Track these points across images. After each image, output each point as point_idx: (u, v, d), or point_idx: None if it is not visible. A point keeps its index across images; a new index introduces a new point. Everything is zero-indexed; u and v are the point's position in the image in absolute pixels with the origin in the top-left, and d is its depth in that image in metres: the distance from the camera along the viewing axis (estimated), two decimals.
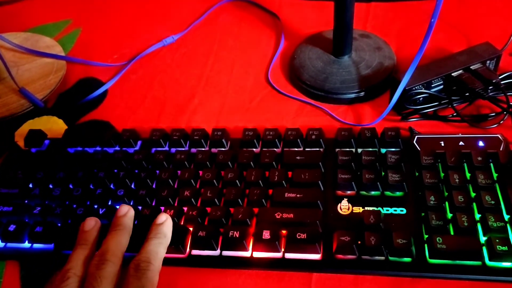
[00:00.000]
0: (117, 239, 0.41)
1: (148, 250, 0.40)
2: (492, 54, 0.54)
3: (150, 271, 0.38)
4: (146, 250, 0.40)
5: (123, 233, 0.42)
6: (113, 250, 0.39)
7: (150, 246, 0.40)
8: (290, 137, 0.50)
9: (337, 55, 0.60)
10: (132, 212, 0.44)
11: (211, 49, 0.68)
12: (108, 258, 0.39)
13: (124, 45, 0.71)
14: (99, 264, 0.38)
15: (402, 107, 0.53)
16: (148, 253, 0.39)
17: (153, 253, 0.40)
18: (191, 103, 0.61)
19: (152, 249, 0.40)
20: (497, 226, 0.39)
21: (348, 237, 0.40)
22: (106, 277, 0.37)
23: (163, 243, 0.41)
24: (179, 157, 0.50)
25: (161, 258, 0.40)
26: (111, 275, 0.38)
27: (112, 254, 0.39)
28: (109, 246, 0.40)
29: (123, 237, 0.41)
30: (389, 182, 0.44)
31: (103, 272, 0.37)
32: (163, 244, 0.41)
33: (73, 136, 0.55)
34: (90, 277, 0.37)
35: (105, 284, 0.37)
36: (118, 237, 0.41)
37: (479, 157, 0.44)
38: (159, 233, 0.42)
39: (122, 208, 0.44)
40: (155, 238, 0.41)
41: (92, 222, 0.43)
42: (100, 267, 0.38)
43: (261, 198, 0.45)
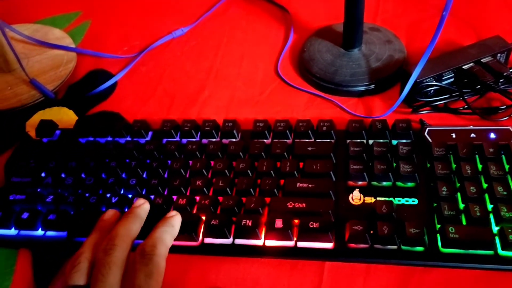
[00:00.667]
0: (128, 226, 0.41)
1: (154, 236, 0.40)
2: (502, 47, 0.54)
3: (156, 255, 0.38)
4: (152, 236, 0.40)
5: (134, 220, 0.42)
6: (122, 235, 0.39)
7: (157, 233, 0.40)
8: (301, 128, 0.50)
9: (347, 48, 0.60)
10: (148, 205, 0.44)
11: (221, 42, 0.69)
12: (116, 243, 0.38)
13: (133, 37, 0.71)
14: (107, 249, 0.38)
15: (412, 99, 0.53)
16: (155, 239, 0.39)
17: (159, 240, 0.39)
18: (201, 95, 0.61)
19: (158, 236, 0.40)
20: (509, 216, 0.39)
21: (360, 226, 0.41)
22: (114, 262, 0.37)
23: (170, 232, 0.41)
24: (191, 148, 0.50)
25: (168, 245, 0.40)
26: (119, 260, 0.37)
27: (121, 239, 0.39)
28: (118, 231, 0.40)
29: (134, 225, 0.41)
30: (401, 172, 0.44)
31: (111, 257, 0.37)
32: (170, 233, 0.41)
33: (84, 127, 0.55)
34: (98, 263, 0.37)
35: (113, 270, 0.37)
36: (129, 224, 0.41)
37: (491, 149, 0.44)
38: (167, 223, 0.42)
39: (138, 200, 0.44)
40: (163, 226, 0.41)
41: (111, 212, 0.44)
42: (108, 252, 0.38)
43: (273, 188, 0.45)
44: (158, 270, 0.37)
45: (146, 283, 0.36)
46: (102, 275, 0.36)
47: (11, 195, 0.50)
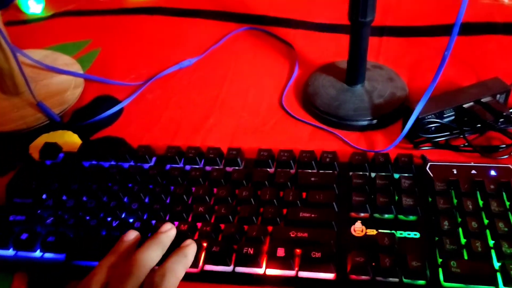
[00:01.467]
0: (148, 253, 0.40)
1: (166, 266, 0.40)
2: (502, 88, 0.55)
3: (163, 286, 0.37)
4: (164, 266, 0.40)
5: (156, 248, 0.41)
6: (140, 264, 0.39)
7: (168, 263, 0.40)
8: (305, 158, 0.50)
9: (350, 83, 0.62)
10: (174, 231, 0.44)
11: (227, 73, 0.70)
12: (133, 271, 0.38)
13: (142, 66, 0.73)
14: (121, 276, 0.37)
15: (414, 135, 0.54)
16: (165, 270, 0.39)
17: (170, 270, 0.39)
18: (206, 123, 0.62)
19: (170, 266, 0.40)
20: (510, 252, 0.39)
21: (362, 258, 0.40)
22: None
23: (183, 262, 0.41)
24: (194, 174, 0.51)
25: (179, 276, 0.40)
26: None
27: (138, 268, 0.38)
28: (137, 259, 0.39)
29: (155, 252, 0.41)
30: (403, 205, 0.44)
31: (125, 285, 0.37)
32: (183, 263, 0.41)
33: (88, 150, 0.56)
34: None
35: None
36: (150, 251, 0.40)
37: (492, 185, 0.45)
38: (181, 252, 0.41)
39: (165, 225, 0.44)
40: (176, 256, 0.41)
41: (132, 235, 0.43)
42: (122, 280, 0.37)
43: (275, 216, 0.45)
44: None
45: None
46: None
47: (11, 215, 0.50)
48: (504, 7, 0.76)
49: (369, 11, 0.54)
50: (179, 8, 0.86)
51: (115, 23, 0.84)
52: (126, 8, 0.88)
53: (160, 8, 0.86)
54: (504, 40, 0.69)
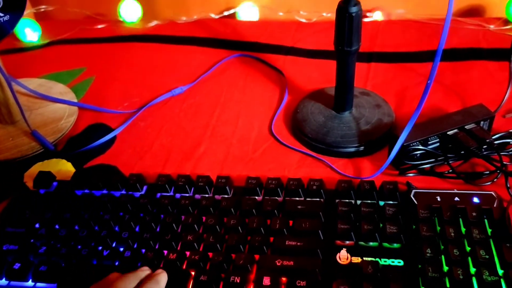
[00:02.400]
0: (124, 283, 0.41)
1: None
2: (485, 115, 0.56)
3: None
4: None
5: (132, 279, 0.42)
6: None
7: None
8: (292, 186, 0.51)
9: (338, 110, 0.63)
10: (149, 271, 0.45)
11: (218, 100, 0.72)
12: None
13: (134, 94, 0.74)
14: None
15: (400, 162, 0.55)
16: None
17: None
18: (196, 151, 0.63)
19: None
20: (491, 280, 0.40)
21: (346, 287, 0.41)
22: None
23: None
24: (184, 202, 0.52)
25: None
26: None
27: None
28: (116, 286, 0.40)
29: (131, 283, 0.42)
30: (387, 233, 0.45)
31: None
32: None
33: (81, 179, 0.57)
34: None
35: None
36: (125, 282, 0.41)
37: (474, 213, 0.46)
38: (154, 280, 0.43)
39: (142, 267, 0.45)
40: (148, 283, 0.42)
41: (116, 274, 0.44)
42: None
43: (262, 245, 0.46)
44: None
45: None
46: None
47: (4, 245, 0.51)
48: (489, 33, 0.78)
49: (354, 40, 0.55)
50: (171, 35, 0.88)
51: (109, 50, 0.86)
52: (120, 36, 0.90)
53: (152, 36, 0.89)
54: (489, 65, 0.71)
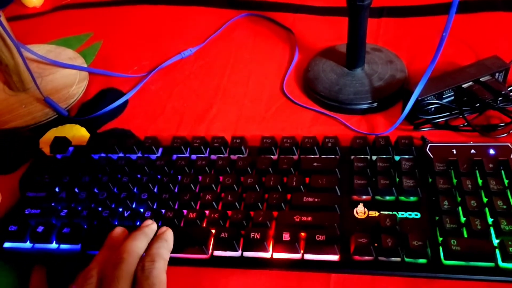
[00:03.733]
0: (135, 243, 0.42)
1: (152, 253, 0.42)
2: (500, 66, 0.56)
3: (155, 269, 0.40)
4: (150, 253, 0.42)
5: (142, 237, 0.43)
6: (129, 250, 0.41)
7: (153, 250, 0.42)
8: (307, 144, 0.52)
9: (350, 67, 0.63)
10: (155, 226, 0.46)
11: (228, 61, 0.71)
12: (124, 257, 0.40)
13: (143, 57, 0.74)
14: (115, 264, 0.40)
15: (414, 117, 0.55)
16: (153, 255, 0.42)
17: (156, 255, 0.42)
18: (209, 113, 0.63)
19: (155, 252, 0.42)
20: (509, 229, 0.41)
21: (365, 239, 0.42)
22: (122, 276, 0.39)
23: (165, 246, 0.43)
24: (200, 163, 0.52)
25: (165, 259, 0.42)
26: (126, 274, 0.39)
27: (129, 254, 0.41)
28: (126, 247, 0.42)
29: (141, 242, 0.43)
30: (404, 187, 0.45)
31: (119, 271, 0.39)
32: (165, 247, 0.43)
33: (97, 143, 0.57)
34: (108, 278, 0.39)
35: (121, 283, 0.39)
36: (136, 241, 0.43)
37: (491, 164, 0.46)
38: (161, 239, 0.44)
39: (146, 221, 0.46)
40: (158, 242, 0.44)
41: (119, 230, 0.46)
42: (116, 266, 0.40)
43: (280, 202, 0.47)
44: (160, 281, 0.40)
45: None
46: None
47: (26, 209, 0.52)
48: None
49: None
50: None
51: (115, 14, 0.85)
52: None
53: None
54: (503, 17, 0.69)
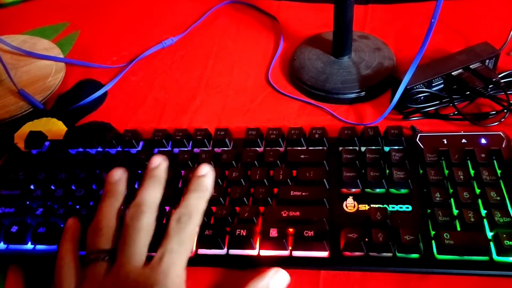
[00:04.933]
0: (151, 191, 0.39)
1: (189, 203, 0.39)
2: (490, 53, 0.54)
3: (191, 224, 0.37)
4: (187, 203, 0.38)
5: (156, 185, 0.40)
6: (147, 201, 0.38)
7: (191, 200, 0.39)
8: (294, 136, 0.50)
9: (337, 55, 0.61)
10: (166, 163, 0.42)
11: (211, 50, 0.69)
12: (144, 209, 0.38)
13: (123, 47, 0.71)
14: (135, 216, 0.37)
15: (403, 106, 0.53)
16: (190, 207, 0.38)
17: (194, 207, 0.38)
18: (192, 104, 0.61)
19: (193, 203, 0.39)
20: (503, 221, 0.39)
21: (355, 234, 0.40)
22: (143, 227, 0.37)
23: (205, 196, 0.40)
24: (183, 157, 0.50)
25: (202, 212, 0.39)
26: (148, 225, 0.37)
27: (147, 206, 0.38)
28: (143, 198, 0.39)
29: (157, 189, 0.40)
30: (394, 179, 0.44)
31: (140, 223, 0.37)
32: (204, 198, 0.40)
33: (74, 137, 0.55)
34: (128, 228, 0.37)
35: (142, 235, 0.37)
36: (152, 190, 0.40)
37: (483, 154, 0.44)
38: (201, 185, 0.40)
39: (155, 160, 0.42)
40: (196, 191, 0.39)
41: (119, 172, 0.42)
42: (137, 218, 0.37)
43: (266, 196, 0.45)
44: (191, 238, 0.38)
45: (178, 249, 0.36)
46: (132, 241, 0.36)
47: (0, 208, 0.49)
48: None
49: None
50: None
51: (92, 3, 0.82)
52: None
53: None
54: (493, 2, 0.68)
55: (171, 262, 0.35)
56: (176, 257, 0.36)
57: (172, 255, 0.36)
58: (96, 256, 0.37)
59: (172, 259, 0.35)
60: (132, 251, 0.36)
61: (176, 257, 0.36)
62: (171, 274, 0.35)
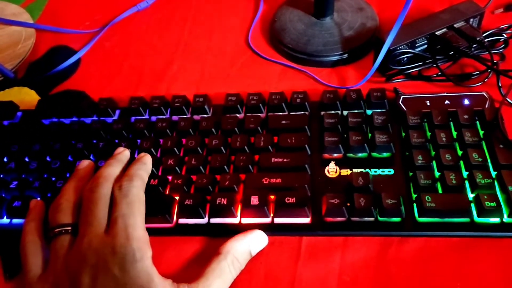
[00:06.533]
0: (109, 168, 0.41)
1: (129, 173, 0.41)
2: (475, 11, 0.53)
3: (134, 187, 0.39)
4: (127, 173, 0.41)
5: (116, 164, 0.42)
6: (105, 175, 0.40)
7: (131, 171, 0.41)
8: (275, 101, 0.48)
9: (319, 16, 0.59)
10: (128, 152, 0.45)
11: (188, 13, 0.66)
12: (100, 181, 0.39)
13: (96, 11, 0.68)
14: (92, 188, 0.39)
15: (386, 68, 0.52)
16: (130, 175, 0.40)
17: (134, 175, 0.40)
18: (169, 70, 0.59)
19: (132, 172, 0.41)
20: (484, 182, 0.39)
21: (337, 200, 0.40)
22: (100, 198, 0.38)
23: (143, 168, 0.42)
24: (161, 125, 0.48)
25: (144, 180, 0.41)
26: (105, 196, 0.39)
27: (104, 179, 0.40)
28: (101, 173, 0.40)
29: (116, 167, 0.42)
30: (376, 143, 0.43)
31: (97, 194, 0.39)
32: (143, 169, 0.42)
33: (47, 107, 0.53)
34: (86, 200, 0.39)
35: (100, 205, 0.38)
36: (111, 167, 0.42)
37: (465, 115, 0.44)
38: (139, 161, 0.43)
39: (119, 148, 0.45)
40: (136, 164, 0.42)
41: (86, 162, 0.44)
42: (93, 190, 0.39)
43: (247, 164, 0.44)
44: (139, 199, 0.39)
45: (129, 211, 0.37)
46: (90, 210, 0.38)
47: None
48: None
49: None
50: None
51: None
52: None
53: None
54: None
55: (127, 224, 0.36)
56: (129, 218, 0.37)
57: (124, 218, 0.37)
58: (58, 230, 0.38)
59: (126, 221, 0.37)
60: (91, 220, 0.37)
61: (129, 218, 0.37)
62: (132, 235, 0.36)
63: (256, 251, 0.40)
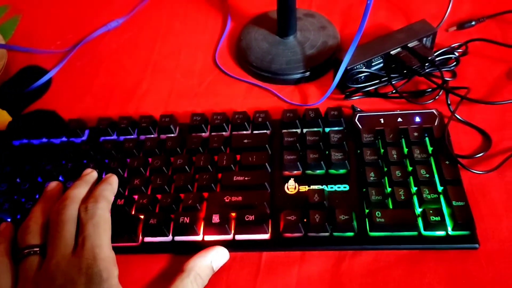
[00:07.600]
0: (76, 190, 0.43)
1: (94, 194, 0.43)
2: (428, 31, 0.56)
3: (99, 208, 0.41)
4: (92, 194, 0.43)
5: (82, 185, 0.44)
6: (71, 197, 0.42)
7: (97, 192, 0.43)
8: (238, 120, 0.50)
9: (282, 35, 0.61)
10: (95, 173, 0.47)
11: (158, 32, 0.68)
12: (67, 203, 0.41)
13: (67, 30, 0.69)
14: (59, 209, 0.41)
15: (345, 86, 0.54)
16: (95, 197, 0.42)
17: (99, 196, 0.42)
18: (139, 89, 0.60)
19: (97, 193, 0.43)
20: (431, 197, 0.42)
21: (293, 216, 0.42)
22: (67, 219, 0.40)
23: (109, 189, 0.44)
24: (128, 145, 0.50)
25: (109, 200, 0.43)
26: (71, 217, 0.40)
27: (71, 200, 0.41)
28: (68, 195, 0.42)
29: (82, 189, 0.44)
30: (332, 160, 0.45)
31: (64, 216, 0.40)
32: (109, 189, 0.44)
33: (17, 128, 0.54)
34: (53, 223, 0.40)
35: (67, 226, 0.40)
36: (77, 188, 0.43)
37: (415, 133, 0.46)
38: (105, 182, 0.45)
39: (87, 170, 0.47)
40: (102, 185, 0.44)
41: (54, 183, 0.46)
42: (60, 212, 0.40)
43: (210, 182, 0.46)
44: (104, 220, 0.40)
45: (95, 232, 0.39)
46: (57, 232, 0.39)
47: None
48: None
49: None
50: None
51: None
52: None
53: None
54: None
55: (94, 245, 0.38)
56: (95, 239, 0.38)
57: (90, 239, 0.38)
58: (27, 252, 0.39)
59: (93, 242, 0.38)
60: (58, 242, 0.39)
61: (95, 239, 0.38)
62: (99, 256, 0.37)
63: (218, 266, 0.42)
